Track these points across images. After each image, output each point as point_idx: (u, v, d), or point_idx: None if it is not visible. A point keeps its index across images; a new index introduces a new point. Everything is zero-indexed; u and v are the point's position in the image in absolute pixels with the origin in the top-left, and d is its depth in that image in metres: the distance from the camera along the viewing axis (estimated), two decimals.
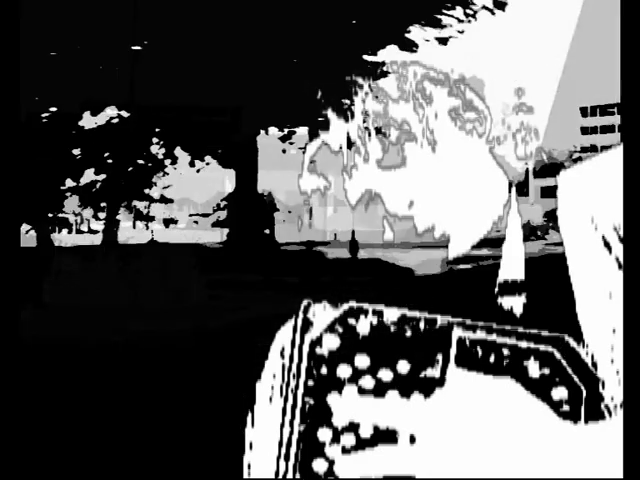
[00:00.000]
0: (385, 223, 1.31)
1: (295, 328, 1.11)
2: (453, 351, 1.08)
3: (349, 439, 1.06)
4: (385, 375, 1.08)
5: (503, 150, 1.31)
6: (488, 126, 1.30)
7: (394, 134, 1.28)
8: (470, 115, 1.29)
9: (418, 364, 1.08)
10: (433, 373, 1.08)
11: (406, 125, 1.28)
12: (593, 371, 1.06)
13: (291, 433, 1.07)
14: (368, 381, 1.08)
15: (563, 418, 1.05)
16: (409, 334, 1.10)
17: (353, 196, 1.30)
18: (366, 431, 1.06)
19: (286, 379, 1.10)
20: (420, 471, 1.05)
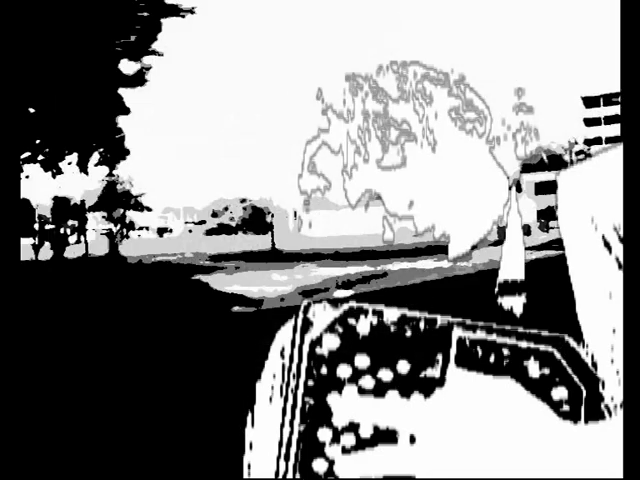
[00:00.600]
0: (385, 223, 1.31)
1: (295, 328, 1.11)
2: (453, 351, 1.08)
3: (349, 439, 1.06)
4: (385, 375, 1.08)
5: (501, 150, 1.31)
6: (488, 126, 1.30)
7: (394, 134, 1.28)
8: (470, 115, 1.29)
9: (418, 364, 1.08)
10: (433, 373, 1.08)
11: (406, 125, 1.28)
12: (593, 371, 1.06)
13: (291, 433, 1.07)
14: (368, 381, 1.08)
15: (563, 418, 1.05)
16: (409, 334, 1.10)
17: (353, 196, 1.30)
18: (366, 431, 1.06)
19: (286, 379, 1.10)
20: (420, 471, 1.05)
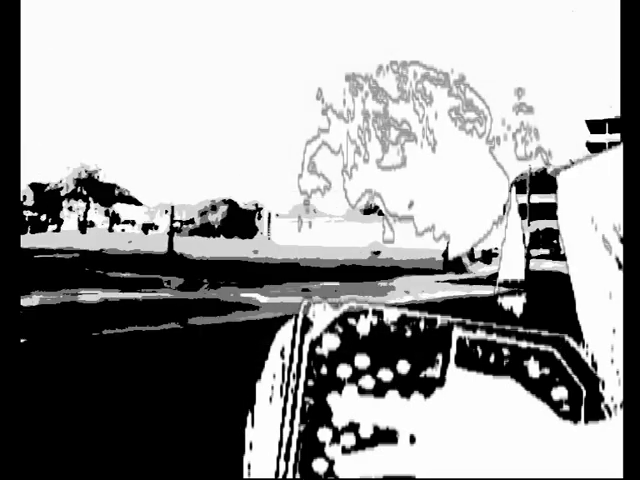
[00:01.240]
0: (385, 223, 1.31)
1: (295, 328, 1.11)
2: (453, 351, 1.08)
3: (349, 439, 1.06)
4: (385, 375, 1.08)
5: (501, 150, 1.31)
6: (488, 126, 1.30)
7: (394, 134, 1.28)
8: (470, 115, 1.29)
9: (418, 364, 1.08)
10: (433, 373, 1.08)
11: (406, 125, 1.28)
12: (593, 371, 1.06)
13: (291, 433, 1.07)
14: (368, 381, 1.08)
15: (563, 418, 1.04)
16: (409, 334, 1.10)
17: (353, 196, 1.30)
18: (366, 431, 1.06)
19: (286, 379, 1.10)
20: (420, 471, 1.05)
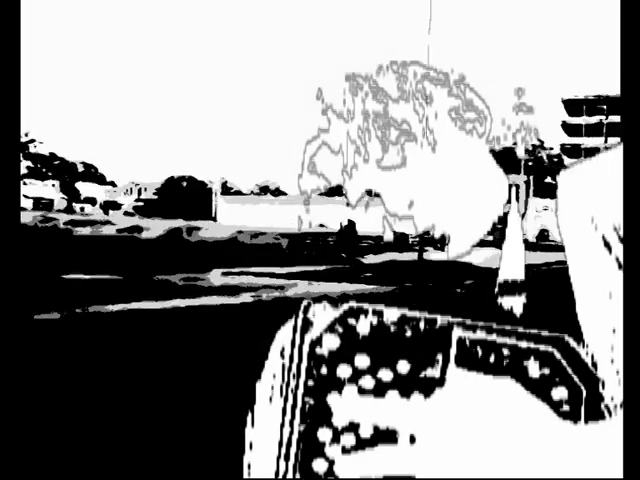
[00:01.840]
0: (385, 223, 1.31)
1: (295, 328, 1.11)
2: (453, 351, 1.08)
3: (349, 439, 1.06)
4: (385, 375, 1.08)
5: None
6: (488, 126, 1.31)
7: (394, 134, 1.28)
8: (470, 115, 1.29)
9: (418, 364, 1.08)
10: (433, 373, 1.08)
11: (406, 125, 1.28)
12: (593, 371, 1.06)
13: (291, 433, 1.07)
14: (368, 381, 1.08)
15: (563, 418, 1.05)
16: (409, 334, 1.10)
17: (353, 196, 1.30)
18: (366, 431, 1.06)
19: (286, 379, 1.10)
20: (420, 471, 1.05)
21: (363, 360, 1.09)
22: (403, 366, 1.08)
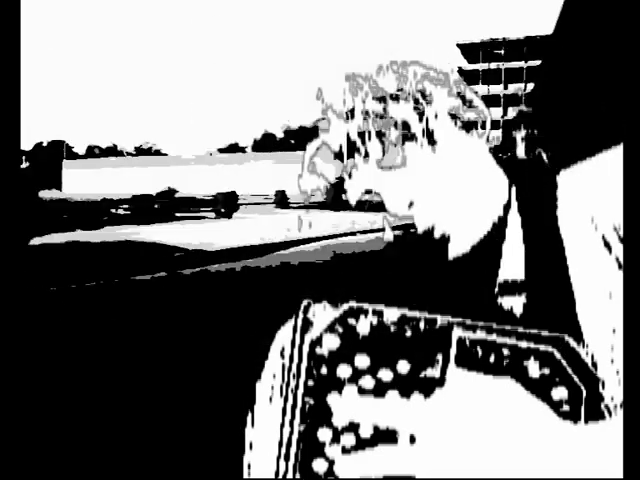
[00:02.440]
0: (385, 223, 1.31)
1: (295, 328, 1.11)
2: (453, 351, 1.08)
3: (349, 439, 1.06)
4: (385, 375, 1.08)
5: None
6: (488, 126, 1.31)
7: (394, 134, 1.28)
8: (470, 115, 1.29)
9: (418, 364, 1.08)
10: (433, 373, 1.08)
11: (406, 125, 1.28)
12: (593, 371, 1.06)
13: (291, 433, 1.08)
14: (368, 381, 1.08)
15: (563, 418, 1.05)
16: (409, 334, 1.10)
17: (353, 196, 1.30)
18: (366, 431, 1.06)
19: (286, 379, 1.10)
20: (420, 471, 1.05)
21: (363, 360, 1.09)
22: (403, 366, 1.08)
